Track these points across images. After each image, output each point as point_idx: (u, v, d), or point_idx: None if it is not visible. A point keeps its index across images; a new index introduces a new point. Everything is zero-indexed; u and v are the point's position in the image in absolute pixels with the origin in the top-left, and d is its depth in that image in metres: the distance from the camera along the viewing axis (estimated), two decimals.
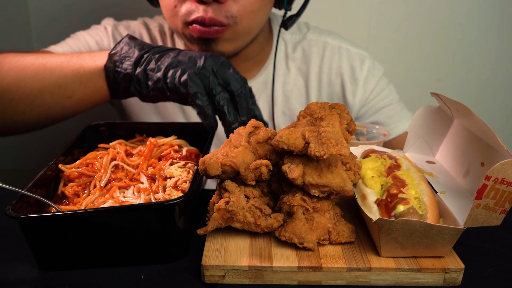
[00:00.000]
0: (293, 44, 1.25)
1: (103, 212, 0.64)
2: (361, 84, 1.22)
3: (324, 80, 1.23)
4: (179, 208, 0.65)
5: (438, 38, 1.72)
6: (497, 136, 0.63)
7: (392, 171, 0.72)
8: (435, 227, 0.61)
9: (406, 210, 0.64)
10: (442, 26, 1.71)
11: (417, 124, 0.85)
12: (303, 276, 0.63)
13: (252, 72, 1.22)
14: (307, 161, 0.67)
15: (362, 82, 1.22)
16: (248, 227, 0.67)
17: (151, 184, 0.77)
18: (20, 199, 0.67)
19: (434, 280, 0.63)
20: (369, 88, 1.23)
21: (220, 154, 0.70)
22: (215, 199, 0.70)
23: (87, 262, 0.67)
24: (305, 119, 0.71)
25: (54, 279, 0.65)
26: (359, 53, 1.24)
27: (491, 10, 1.69)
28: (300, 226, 0.66)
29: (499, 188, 0.58)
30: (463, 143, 0.78)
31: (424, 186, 0.69)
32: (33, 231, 0.64)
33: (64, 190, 0.77)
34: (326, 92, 1.24)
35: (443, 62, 1.75)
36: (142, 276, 0.66)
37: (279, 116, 1.24)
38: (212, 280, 0.64)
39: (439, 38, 1.72)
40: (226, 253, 0.65)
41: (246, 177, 0.68)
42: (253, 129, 0.73)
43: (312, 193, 0.67)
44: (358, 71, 1.22)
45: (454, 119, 0.81)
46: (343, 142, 0.64)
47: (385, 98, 1.25)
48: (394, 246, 0.63)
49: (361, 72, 1.22)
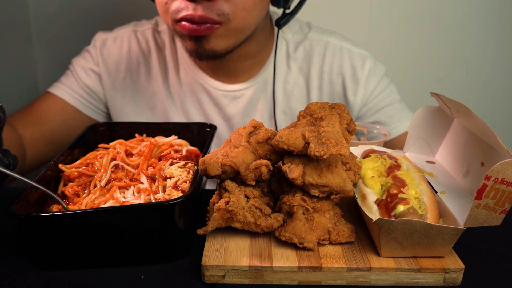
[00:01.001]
0: (294, 44, 1.25)
1: (103, 212, 0.64)
2: (362, 84, 1.22)
3: (325, 80, 1.23)
4: (179, 208, 0.65)
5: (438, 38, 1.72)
6: (497, 136, 0.63)
7: (392, 171, 0.72)
8: (435, 227, 0.61)
9: (406, 210, 0.64)
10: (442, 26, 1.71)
11: (417, 124, 0.85)
12: (303, 276, 0.63)
13: (252, 71, 1.22)
14: (307, 161, 0.67)
15: (363, 82, 1.22)
16: (248, 227, 0.67)
17: (151, 184, 0.77)
18: (20, 198, 0.67)
19: (434, 280, 0.63)
20: (370, 88, 1.23)
21: (220, 154, 0.70)
22: (215, 199, 0.70)
23: (87, 262, 0.67)
24: (305, 119, 0.71)
25: (54, 279, 0.65)
26: (360, 52, 1.24)
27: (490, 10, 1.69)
28: (300, 226, 0.66)
29: (499, 188, 0.58)
30: (463, 143, 0.78)
31: (424, 186, 0.69)
32: (33, 231, 0.64)
33: (64, 190, 0.77)
34: (327, 91, 1.24)
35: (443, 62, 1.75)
36: (142, 276, 0.66)
37: (280, 115, 1.24)
38: (212, 280, 0.64)
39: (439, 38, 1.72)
40: (226, 253, 0.65)
41: (246, 177, 0.68)
42: (253, 129, 0.73)
43: (312, 193, 0.67)
44: (360, 70, 1.22)
45: (454, 119, 0.81)
46: (343, 142, 0.64)
47: (386, 98, 1.25)
48: (394, 246, 0.63)
49: (362, 71, 1.22)
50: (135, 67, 1.25)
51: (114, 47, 1.25)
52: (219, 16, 1.00)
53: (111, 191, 0.75)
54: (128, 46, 1.26)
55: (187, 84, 1.23)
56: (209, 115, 1.23)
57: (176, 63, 1.24)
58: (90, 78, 1.24)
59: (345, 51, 1.24)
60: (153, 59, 1.25)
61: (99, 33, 1.28)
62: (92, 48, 1.26)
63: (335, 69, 1.23)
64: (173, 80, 1.24)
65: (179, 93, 1.24)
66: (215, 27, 1.01)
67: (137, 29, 1.28)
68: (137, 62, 1.26)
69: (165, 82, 1.24)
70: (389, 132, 1.00)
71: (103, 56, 1.24)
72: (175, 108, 1.25)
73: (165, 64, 1.25)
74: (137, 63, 1.26)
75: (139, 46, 1.26)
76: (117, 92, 1.25)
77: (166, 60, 1.25)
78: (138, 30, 1.28)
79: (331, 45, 1.24)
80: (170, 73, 1.24)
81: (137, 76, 1.25)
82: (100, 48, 1.25)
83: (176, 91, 1.24)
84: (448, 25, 1.71)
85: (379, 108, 1.25)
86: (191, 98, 1.23)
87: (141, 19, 1.31)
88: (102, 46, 1.25)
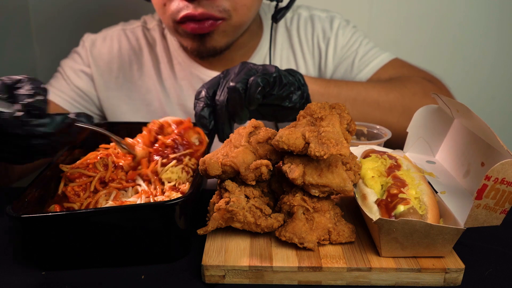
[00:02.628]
0: (274, 26, 1.30)
1: (103, 212, 0.64)
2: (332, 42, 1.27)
3: (306, 50, 1.28)
4: (179, 208, 0.65)
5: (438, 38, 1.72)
6: (497, 136, 0.63)
7: (392, 171, 0.72)
8: (435, 227, 0.61)
9: (406, 210, 0.64)
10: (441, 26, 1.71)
11: (417, 124, 0.85)
12: (303, 276, 0.63)
13: (245, 57, 1.26)
14: (307, 161, 0.67)
15: (333, 40, 1.27)
16: (248, 227, 0.67)
17: (149, 185, 0.77)
18: (20, 199, 0.67)
19: (434, 280, 0.63)
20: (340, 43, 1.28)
21: (220, 154, 0.70)
22: (215, 199, 0.70)
23: (87, 262, 0.67)
24: (305, 119, 0.71)
25: (54, 279, 0.65)
26: (328, 16, 1.30)
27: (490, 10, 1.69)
28: (300, 226, 0.66)
29: (499, 188, 0.58)
30: (463, 143, 0.78)
31: (424, 186, 0.69)
32: (33, 231, 0.64)
33: (64, 190, 0.77)
34: (311, 62, 1.29)
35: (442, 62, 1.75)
36: (142, 276, 0.66)
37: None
38: (212, 280, 0.64)
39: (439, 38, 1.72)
40: (226, 253, 0.65)
41: (246, 177, 0.68)
42: (253, 129, 0.73)
43: (312, 193, 0.67)
44: (328, 31, 1.28)
45: (454, 119, 0.81)
46: (343, 142, 0.64)
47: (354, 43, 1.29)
48: (394, 246, 0.63)
49: (331, 31, 1.28)
50: (127, 65, 1.26)
51: (104, 47, 1.25)
52: (221, 13, 1.02)
53: (110, 190, 0.76)
54: (118, 44, 1.26)
55: (182, 78, 1.23)
56: None
57: (169, 58, 1.24)
58: (81, 79, 1.24)
59: (315, 18, 1.29)
60: (145, 56, 1.26)
61: (87, 34, 1.28)
62: (81, 49, 1.26)
63: (309, 37, 1.28)
64: (167, 75, 1.24)
65: (175, 87, 1.24)
66: (217, 23, 1.03)
67: (126, 27, 1.29)
68: (129, 60, 1.26)
69: (158, 78, 1.25)
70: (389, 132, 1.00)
71: (93, 56, 1.24)
72: (171, 103, 1.25)
73: (157, 60, 1.25)
74: (129, 61, 1.26)
75: (130, 44, 1.26)
76: (111, 92, 1.25)
77: (158, 56, 1.25)
78: (127, 28, 1.28)
79: (302, 17, 1.30)
80: (163, 69, 1.24)
81: (130, 74, 1.26)
82: (90, 48, 1.25)
83: (171, 85, 1.24)
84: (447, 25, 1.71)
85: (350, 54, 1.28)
86: (187, 91, 1.24)
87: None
88: (92, 46, 1.25)
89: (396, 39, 1.71)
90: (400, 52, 1.72)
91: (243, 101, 0.84)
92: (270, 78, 0.85)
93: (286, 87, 0.88)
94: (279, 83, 0.87)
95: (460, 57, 1.75)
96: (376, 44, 1.31)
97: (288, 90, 0.88)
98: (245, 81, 0.84)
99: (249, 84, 0.84)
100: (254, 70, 0.87)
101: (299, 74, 0.93)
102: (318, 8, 1.33)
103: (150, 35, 1.27)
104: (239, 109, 0.85)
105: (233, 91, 0.83)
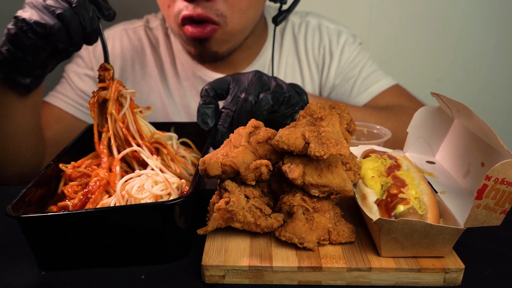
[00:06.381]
0: (281, 30, 1.31)
1: (103, 212, 0.64)
2: (337, 57, 1.28)
3: (311, 58, 1.29)
4: (179, 208, 0.65)
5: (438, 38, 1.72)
6: (497, 136, 0.63)
7: (392, 171, 0.72)
8: (435, 227, 0.61)
9: (406, 210, 0.64)
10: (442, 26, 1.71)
11: (417, 124, 0.85)
12: (303, 276, 0.63)
13: (250, 59, 1.26)
14: (307, 161, 0.67)
15: (337, 55, 1.28)
16: (248, 227, 0.67)
17: None
18: (20, 199, 0.67)
19: (434, 280, 0.63)
20: (344, 59, 1.29)
21: (220, 154, 0.70)
22: (215, 199, 0.70)
23: (87, 262, 0.67)
24: (305, 119, 0.71)
25: (54, 279, 0.65)
26: (336, 28, 1.31)
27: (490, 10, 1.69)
28: (300, 226, 0.66)
29: (499, 188, 0.58)
30: (463, 143, 0.78)
31: (424, 186, 0.69)
32: (33, 231, 0.64)
33: (64, 190, 0.77)
34: (316, 71, 1.30)
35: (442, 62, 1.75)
36: (142, 276, 0.66)
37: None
38: (212, 280, 0.64)
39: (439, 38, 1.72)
40: (226, 253, 0.65)
41: (246, 177, 0.68)
42: (253, 129, 0.73)
43: (312, 193, 0.67)
44: (335, 45, 1.29)
45: (455, 119, 0.81)
46: (343, 142, 0.64)
47: (359, 64, 1.30)
48: (394, 246, 0.63)
49: (337, 45, 1.29)
50: (129, 65, 1.25)
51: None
52: (218, 17, 1.03)
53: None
54: (120, 45, 1.26)
55: (185, 79, 1.23)
56: None
57: (172, 58, 1.24)
58: (85, 83, 1.24)
59: (323, 29, 1.30)
60: (147, 56, 1.25)
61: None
62: (84, 52, 1.25)
63: (316, 46, 1.29)
64: (171, 76, 1.24)
65: (178, 88, 1.24)
66: (214, 29, 1.04)
67: (128, 27, 1.28)
68: (132, 60, 1.25)
69: (162, 78, 1.25)
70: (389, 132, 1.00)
71: (96, 58, 1.24)
72: (175, 103, 1.25)
73: (160, 60, 1.25)
74: (132, 61, 1.25)
75: (132, 44, 1.26)
76: None
77: (161, 56, 1.25)
78: (128, 28, 1.28)
79: (311, 25, 1.30)
80: (167, 69, 1.24)
81: (132, 75, 1.25)
82: (92, 50, 1.24)
83: (174, 86, 1.24)
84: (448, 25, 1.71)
85: (353, 75, 1.29)
86: (190, 92, 1.24)
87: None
88: (94, 48, 1.25)
89: (396, 39, 1.71)
90: (400, 52, 1.73)
91: (251, 113, 0.84)
92: (281, 97, 0.86)
93: (292, 107, 0.88)
94: (287, 102, 0.87)
95: (460, 57, 1.75)
96: (379, 66, 1.32)
97: (293, 110, 0.89)
98: (258, 93, 0.85)
99: (260, 98, 0.84)
100: (268, 85, 0.86)
101: (305, 93, 0.94)
102: (327, 18, 1.33)
103: (153, 35, 1.27)
104: (244, 119, 0.85)
105: (244, 102, 0.83)
